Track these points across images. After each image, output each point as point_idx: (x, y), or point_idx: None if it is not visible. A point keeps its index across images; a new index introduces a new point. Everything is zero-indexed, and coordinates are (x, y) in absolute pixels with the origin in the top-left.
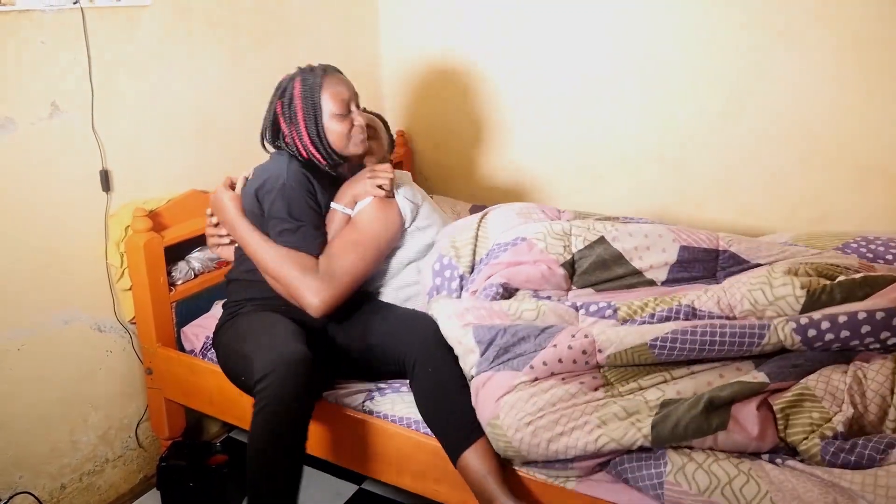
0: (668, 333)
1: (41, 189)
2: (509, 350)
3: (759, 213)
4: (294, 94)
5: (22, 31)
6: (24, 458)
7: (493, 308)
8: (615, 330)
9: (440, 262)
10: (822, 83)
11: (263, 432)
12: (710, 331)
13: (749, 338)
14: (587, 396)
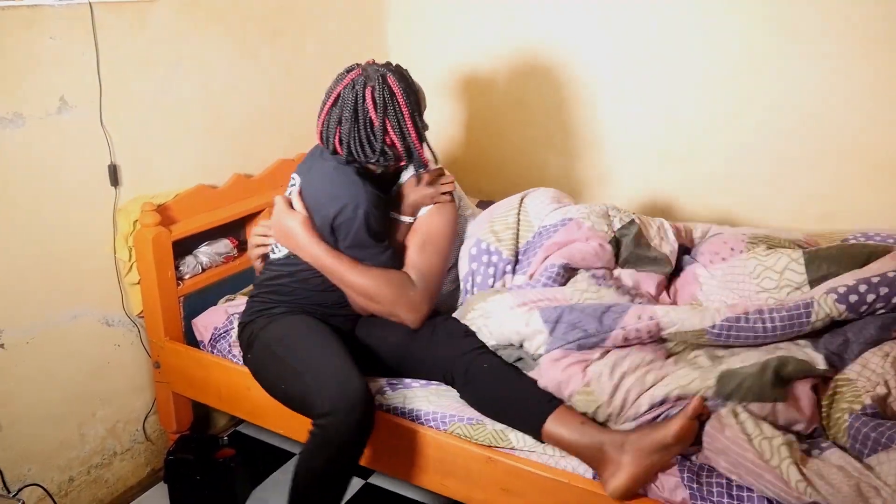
0: (723, 321)
1: (49, 184)
2: (577, 326)
3: (767, 211)
4: (395, 91)
5: (31, 27)
6: (34, 450)
7: (555, 296)
8: (676, 311)
9: (477, 247)
10: (830, 80)
11: (321, 463)
12: (759, 317)
13: (797, 319)
14: (660, 362)
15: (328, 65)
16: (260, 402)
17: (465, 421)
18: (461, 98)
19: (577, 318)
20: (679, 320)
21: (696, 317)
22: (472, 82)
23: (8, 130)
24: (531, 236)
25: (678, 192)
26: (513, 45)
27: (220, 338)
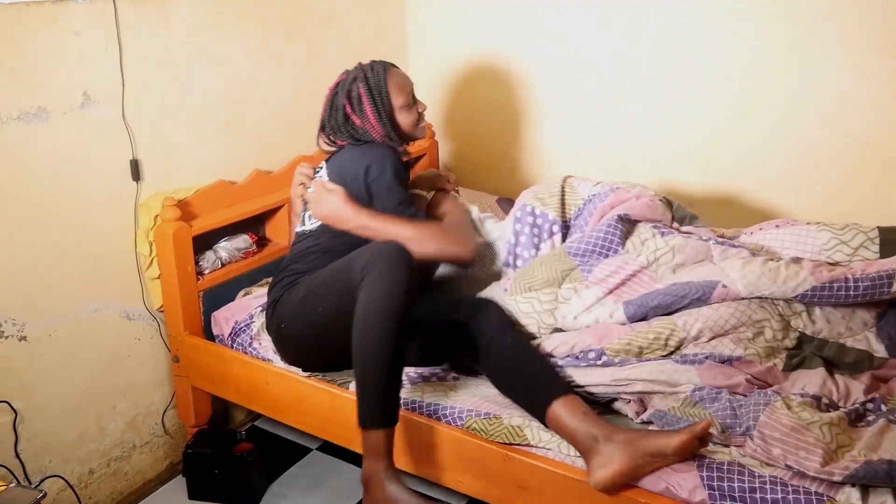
0: (809, 290)
1: (72, 178)
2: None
3: (786, 209)
4: (360, 94)
5: (55, 22)
6: (54, 443)
7: (629, 272)
8: (762, 279)
9: (521, 211)
10: (849, 78)
11: (368, 309)
12: (843, 285)
13: (879, 287)
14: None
15: (348, 61)
16: (278, 397)
17: (483, 416)
18: (478, 94)
19: (661, 300)
20: (767, 288)
21: (783, 286)
22: (490, 79)
23: (32, 125)
24: (581, 204)
25: (695, 192)
26: (531, 44)
27: (240, 331)
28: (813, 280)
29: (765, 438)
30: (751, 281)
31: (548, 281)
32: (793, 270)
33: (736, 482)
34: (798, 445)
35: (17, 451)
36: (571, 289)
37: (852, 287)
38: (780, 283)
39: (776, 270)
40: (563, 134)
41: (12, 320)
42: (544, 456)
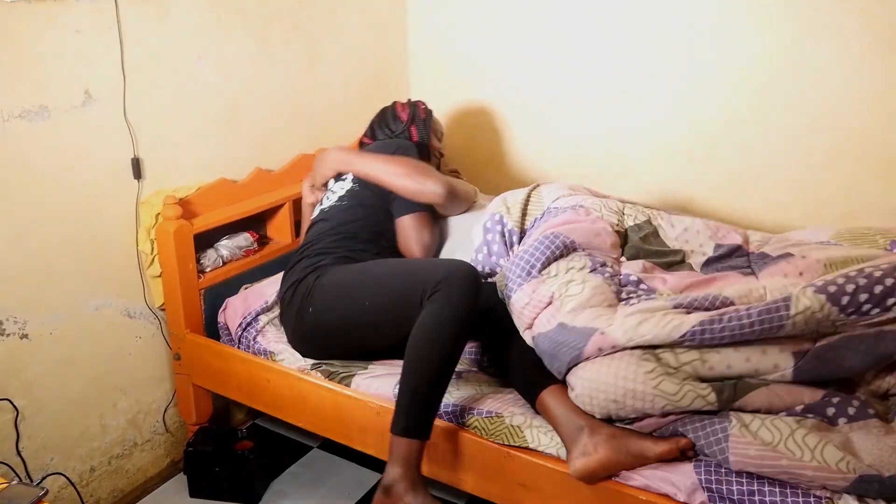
0: (695, 327)
1: (73, 176)
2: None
3: (788, 208)
4: (421, 111)
5: (57, 20)
6: (56, 440)
7: (534, 298)
8: (644, 326)
9: (491, 220)
10: (851, 77)
11: (447, 315)
12: (736, 314)
13: (776, 312)
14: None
15: (348, 60)
16: (279, 395)
17: (484, 415)
18: (480, 94)
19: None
20: (648, 332)
21: (668, 328)
22: (491, 78)
23: (33, 123)
24: (539, 214)
25: (698, 192)
26: (531, 42)
27: (248, 325)
28: (700, 315)
29: (744, 465)
30: (630, 326)
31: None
32: (679, 315)
33: (735, 485)
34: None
35: (18, 448)
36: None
37: (745, 316)
38: (660, 327)
39: (661, 316)
40: (564, 134)
41: (13, 318)
42: (545, 453)
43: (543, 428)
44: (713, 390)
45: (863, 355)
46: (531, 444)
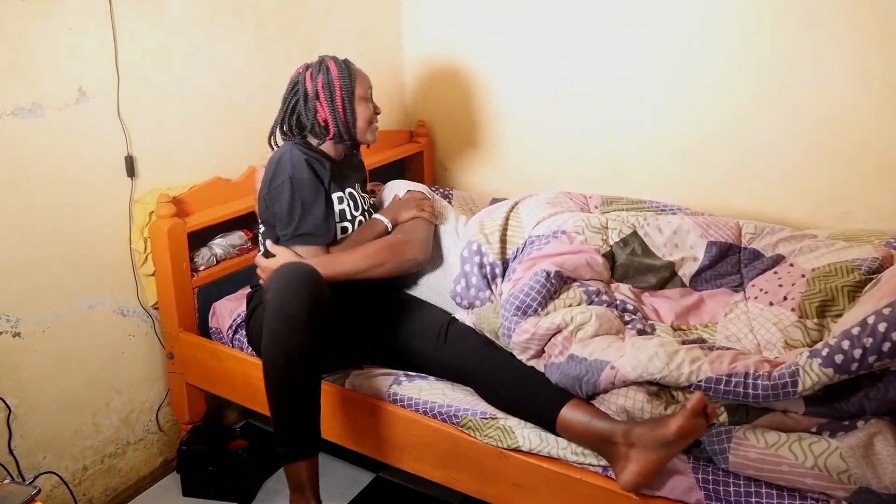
0: (703, 381)
1: (67, 174)
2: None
3: (782, 209)
4: (333, 75)
5: (50, 17)
6: (49, 439)
7: (540, 331)
8: (653, 365)
9: (468, 249)
10: (847, 78)
11: (269, 331)
12: (742, 381)
13: (782, 389)
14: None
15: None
16: None
17: (479, 415)
18: (474, 93)
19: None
20: (658, 372)
21: (675, 373)
22: (486, 77)
23: (27, 121)
24: (521, 243)
25: (694, 190)
26: (528, 41)
27: (238, 327)
28: (709, 370)
29: (744, 467)
30: (640, 362)
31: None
32: (693, 355)
33: (732, 486)
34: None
35: (10, 447)
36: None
37: (751, 386)
38: (672, 368)
39: (673, 354)
40: (560, 133)
41: (6, 316)
42: (539, 454)
43: (536, 429)
44: (726, 411)
45: (875, 402)
46: (523, 446)
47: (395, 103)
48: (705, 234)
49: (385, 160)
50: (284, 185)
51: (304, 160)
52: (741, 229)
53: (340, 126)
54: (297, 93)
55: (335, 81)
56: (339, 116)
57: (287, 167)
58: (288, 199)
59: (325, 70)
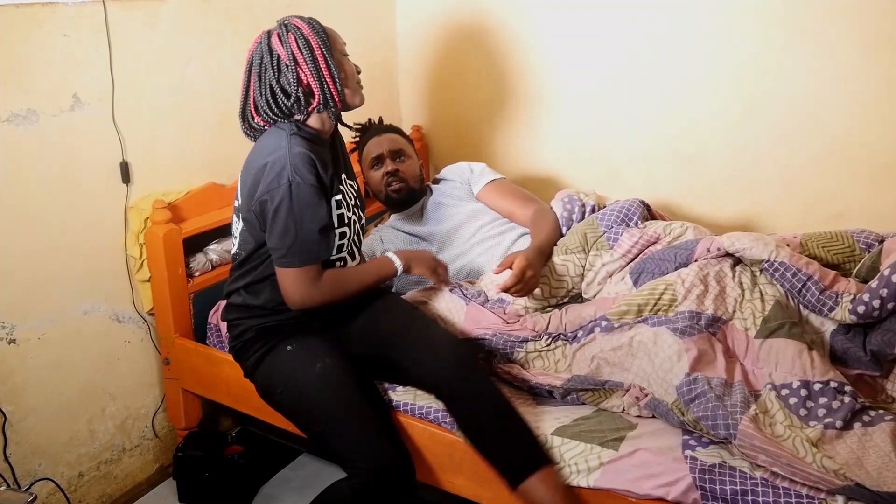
0: (777, 261)
1: (62, 181)
2: (655, 273)
3: (775, 211)
4: (305, 32)
5: (45, 24)
6: (44, 446)
7: (643, 238)
8: (741, 240)
9: (569, 198)
10: (839, 81)
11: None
12: (803, 281)
13: (821, 305)
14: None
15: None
16: None
17: None
18: (469, 97)
19: (654, 265)
20: (748, 243)
21: (760, 246)
22: (480, 78)
23: (22, 128)
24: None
25: (687, 194)
26: (523, 42)
27: None
28: (787, 258)
29: (747, 446)
30: (734, 236)
31: (580, 246)
32: (778, 243)
33: (728, 484)
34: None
35: (6, 454)
36: (597, 255)
37: (809, 289)
38: (759, 244)
39: (761, 237)
40: (555, 135)
41: (1, 323)
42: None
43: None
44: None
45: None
46: None
47: (389, 109)
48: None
49: None
50: (282, 191)
51: (307, 157)
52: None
53: (328, 89)
54: (264, 65)
55: (311, 38)
56: (324, 77)
57: (286, 168)
58: (286, 210)
59: (294, 29)
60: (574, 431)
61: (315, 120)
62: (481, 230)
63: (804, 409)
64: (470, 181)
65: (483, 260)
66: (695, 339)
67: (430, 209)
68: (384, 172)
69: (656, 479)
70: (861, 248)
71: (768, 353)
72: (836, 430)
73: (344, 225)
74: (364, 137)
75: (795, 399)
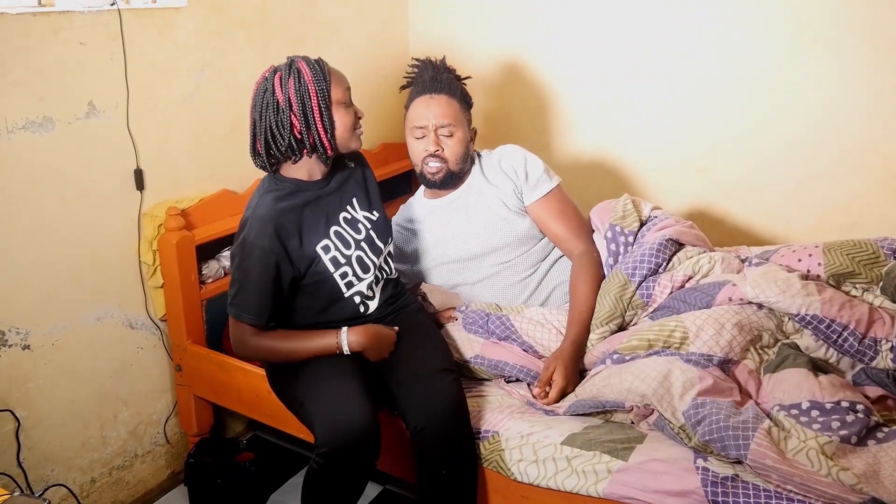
0: (809, 316)
1: (77, 188)
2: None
3: (788, 220)
4: (306, 79)
5: (61, 32)
6: (57, 451)
7: (674, 284)
8: (765, 292)
9: (612, 231)
10: (853, 89)
11: (320, 496)
12: (839, 333)
13: (861, 356)
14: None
15: (350, 71)
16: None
17: (482, 435)
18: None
19: (672, 303)
20: (774, 296)
21: (789, 300)
22: (491, 89)
23: (37, 135)
24: (644, 219)
25: (699, 202)
26: (532, 52)
27: None
28: (819, 309)
29: (760, 466)
30: (759, 284)
31: (614, 311)
32: (806, 290)
33: (741, 498)
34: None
35: (19, 459)
36: (633, 314)
37: (847, 339)
38: (787, 297)
39: (787, 282)
40: (565, 142)
41: (16, 329)
42: (538, 486)
43: (534, 463)
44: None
45: None
46: (521, 480)
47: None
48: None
49: (391, 173)
50: (238, 245)
51: (271, 221)
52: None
53: (319, 139)
54: (267, 105)
55: (309, 86)
56: (316, 128)
57: (247, 227)
58: (237, 263)
59: (295, 74)
60: (584, 440)
61: (302, 167)
62: (510, 266)
63: (817, 423)
64: (523, 189)
65: (498, 300)
66: (710, 370)
67: (462, 207)
68: (426, 149)
69: (667, 490)
70: (885, 254)
71: (776, 385)
72: (850, 444)
73: (342, 265)
74: (416, 89)
75: (806, 418)
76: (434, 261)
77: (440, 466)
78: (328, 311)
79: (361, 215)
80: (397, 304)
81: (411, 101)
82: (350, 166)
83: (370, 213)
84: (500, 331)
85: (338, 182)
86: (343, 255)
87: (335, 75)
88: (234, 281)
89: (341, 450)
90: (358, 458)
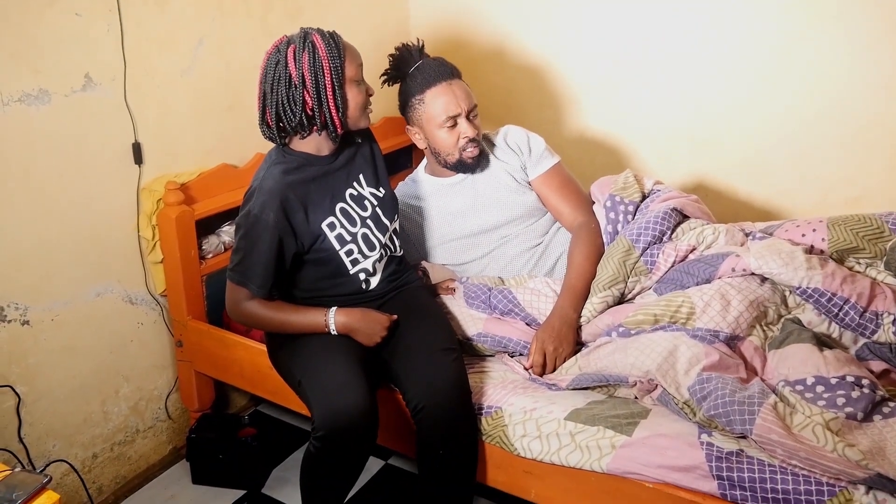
0: (810, 289)
1: (74, 161)
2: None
3: (792, 195)
4: (320, 54)
5: (57, 3)
6: (58, 427)
7: (678, 253)
8: (769, 263)
9: (611, 200)
10: (858, 63)
11: (316, 477)
12: (840, 306)
13: (862, 329)
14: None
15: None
16: (281, 382)
17: (485, 411)
18: (480, 78)
19: (677, 276)
20: (776, 268)
21: (792, 273)
22: (492, 62)
23: (34, 107)
24: (647, 192)
25: (703, 177)
26: (536, 28)
27: None
28: (821, 283)
29: (765, 441)
30: (762, 255)
31: (617, 276)
32: (809, 263)
33: (746, 472)
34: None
35: (20, 435)
36: (636, 281)
37: (848, 313)
38: (789, 269)
39: (791, 254)
40: (566, 117)
41: (15, 304)
42: (542, 461)
43: (537, 439)
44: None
45: None
46: (524, 455)
47: None
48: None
49: (391, 147)
50: (244, 216)
51: (277, 195)
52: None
53: (330, 116)
54: (279, 79)
55: (324, 62)
56: (328, 105)
57: (254, 198)
58: (242, 233)
59: (310, 48)
60: (588, 415)
61: (310, 142)
62: (518, 236)
63: (822, 399)
64: (527, 164)
65: (506, 271)
66: (716, 346)
67: (469, 185)
68: (465, 136)
69: (671, 465)
70: (890, 230)
71: (781, 361)
72: (856, 420)
73: (347, 242)
74: (423, 80)
75: (811, 394)
76: (440, 238)
77: (439, 446)
78: (330, 284)
79: (368, 192)
80: (398, 280)
81: (424, 93)
82: (357, 142)
83: (377, 189)
84: (503, 305)
85: (346, 158)
86: (349, 233)
87: (349, 51)
88: (238, 250)
89: (338, 434)
90: (355, 442)
